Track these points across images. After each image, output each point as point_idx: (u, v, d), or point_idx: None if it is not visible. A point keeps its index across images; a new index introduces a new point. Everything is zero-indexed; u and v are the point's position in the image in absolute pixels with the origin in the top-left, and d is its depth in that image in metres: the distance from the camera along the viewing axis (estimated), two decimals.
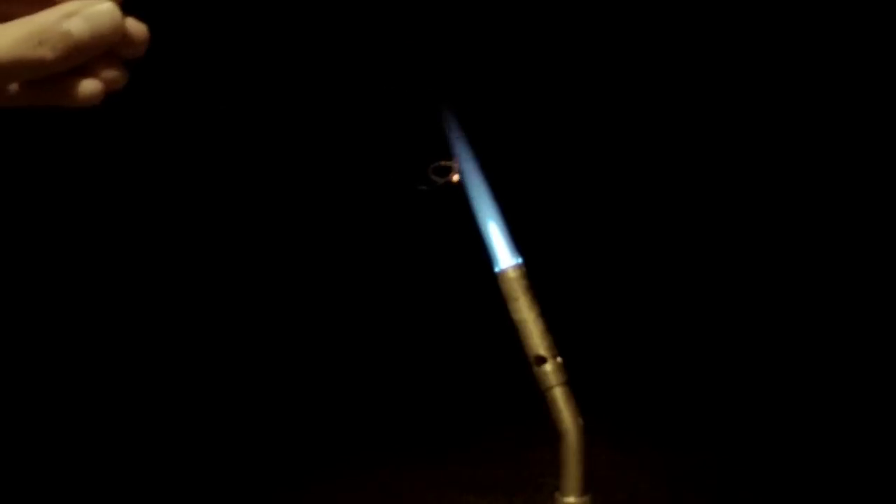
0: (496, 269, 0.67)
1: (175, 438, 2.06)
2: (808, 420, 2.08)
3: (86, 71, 0.50)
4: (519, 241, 0.67)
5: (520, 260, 0.67)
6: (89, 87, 0.50)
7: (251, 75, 2.54)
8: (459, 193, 0.69)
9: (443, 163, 0.68)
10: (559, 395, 0.66)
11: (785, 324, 2.44)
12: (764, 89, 2.62)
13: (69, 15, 0.48)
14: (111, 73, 0.51)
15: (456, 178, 0.69)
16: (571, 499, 0.66)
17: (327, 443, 2.06)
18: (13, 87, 0.51)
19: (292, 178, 2.65)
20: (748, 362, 2.32)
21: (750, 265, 2.62)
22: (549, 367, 0.66)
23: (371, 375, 2.32)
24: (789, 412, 2.11)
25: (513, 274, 0.67)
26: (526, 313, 0.66)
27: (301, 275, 2.64)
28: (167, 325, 2.46)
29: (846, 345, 2.33)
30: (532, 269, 0.67)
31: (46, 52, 0.47)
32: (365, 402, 2.23)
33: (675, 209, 2.69)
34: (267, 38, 2.50)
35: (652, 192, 2.70)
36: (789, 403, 2.15)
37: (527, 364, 0.66)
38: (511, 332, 0.66)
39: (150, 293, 2.56)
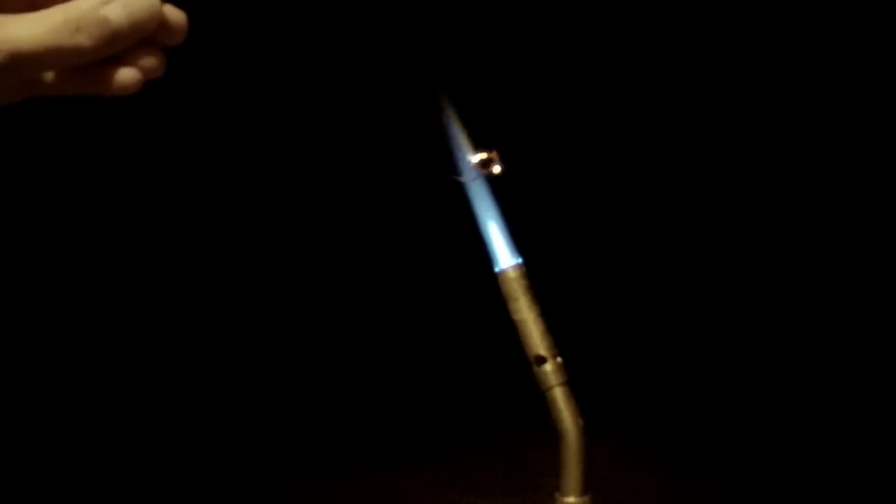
0: (496, 269, 0.67)
1: (175, 439, 2.06)
2: (809, 420, 2.08)
3: (124, 59, 0.49)
4: (519, 241, 0.67)
5: (520, 260, 0.67)
6: (127, 75, 0.49)
7: (253, 72, 2.54)
8: (459, 194, 0.69)
9: (485, 154, 0.68)
10: (559, 395, 0.66)
11: (785, 324, 2.44)
12: (764, 89, 2.62)
13: (107, 2, 0.47)
14: (149, 62, 0.50)
15: (497, 169, 0.68)
16: (571, 499, 0.66)
17: (327, 443, 2.06)
18: (50, 75, 0.51)
19: (292, 180, 2.65)
20: (748, 363, 2.32)
21: (750, 266, 2.62)
22: (549, 367, 0.66)
23: (371, 376, 2.32)
24: (789, 412, 2.11)
25: (513, 274, 0.67)
26: (526, 313, 0.66)
27: (300, 275, 2.64)
28: (166, 325, 2.46)
29: (847, 345, 2.33)
30: (532, 269, 0.67)
31: (84, 40, 0.47)
32: (365, 402, 2.23)
33: (675, 209, 2.70)
34: (270, 34, 2.50)
35: (652, 193, 2.71)
36: (789, 404, 2.15)
37: (527, 364, 0.66)
38: (511, 332, 0.66)
39: (149, 294, 2.56)
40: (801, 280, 2.54)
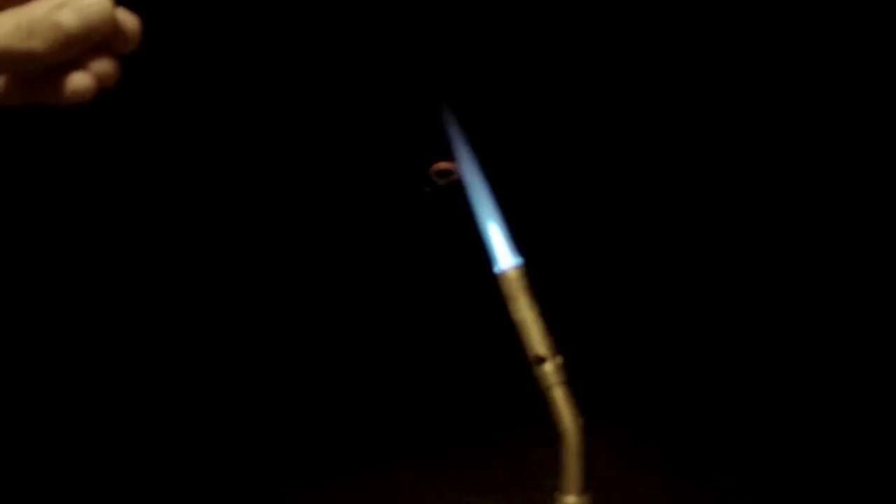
0: (496, 270, 0.67)
1: (174, 439, 2.06)
2: (810, 420, 2.08)
3: (77, 66, 0.49)
4: (519, 241, 0.67)
5: (520, 260, 0.67)
6: (81, 81, 0.49)
7: (248, 74, 2.54)
8: (459, 193, 0.69)
9: (443, 165, 0.69)
10: (559, 395, 0.66)
11: (786, 324, 2.44)
12: (764, 89, 2.62)
13: (60, 6, 0.47)
14: (103, 68, 0.50)
15: (456, 179, 0.69)
16: (571, 499, 0.67)
17: (327, 443, 2.06)
18: (1, 81, 0.50)
19: (291, 179, 2.65)
20: (749, 362, 2.32)
21: (751, 265, 2.62)
22: (549, 366, 0.66)
23: (371, 375, 2.32)
24: (790, 412, 2.11)
25: (513, 274, 0.67)
26: (526, 313, 0.66)
27: (300, 274, 2.64)
28: (165, 325, 2.46)
29: (848, 345, 2.33)
30: (532, 269, 0.67)
31: (36, 44, 0.47)
32: (364, 401, 2.23)
33: (675, 209, 2.70)
34: (264, 35, 2.50)
35: (652, 192, 2.71)
36: (790, 404, 2.15)
37: (527, 364, 0.66)
38: (511, 332, 0.66)
39: (149, 294, 2.56)
40: (802, 281, 2.54)
